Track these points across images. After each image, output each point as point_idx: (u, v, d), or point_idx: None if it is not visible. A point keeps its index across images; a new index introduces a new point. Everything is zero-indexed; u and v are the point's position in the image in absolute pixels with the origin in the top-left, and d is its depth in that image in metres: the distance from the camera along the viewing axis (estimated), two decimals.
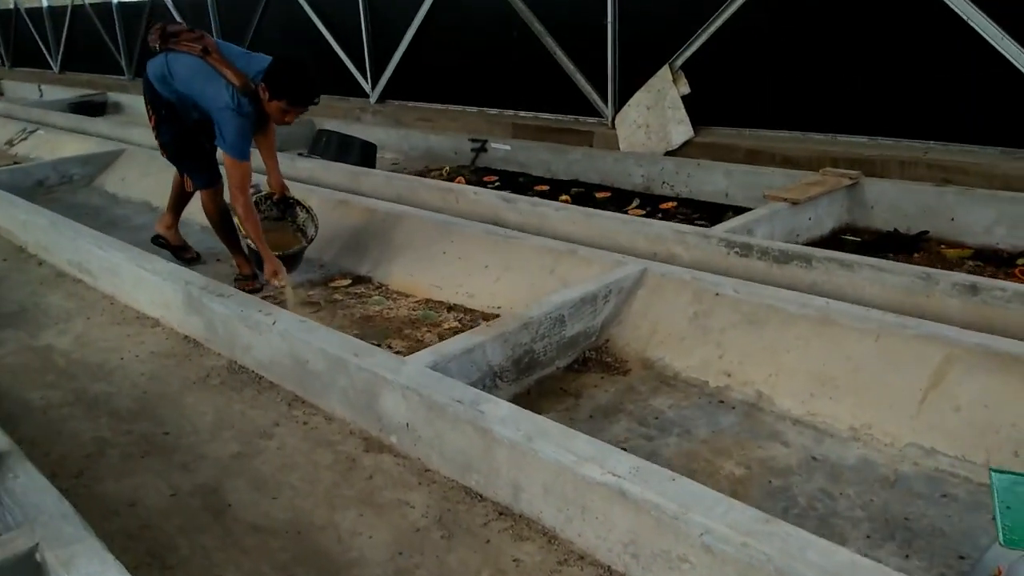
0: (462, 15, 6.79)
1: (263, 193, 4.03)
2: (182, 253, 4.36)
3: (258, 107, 3.39)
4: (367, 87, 7.76)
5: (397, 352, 2.92)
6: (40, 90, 12.08)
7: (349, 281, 3.84)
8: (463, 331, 2.91)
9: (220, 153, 3.45)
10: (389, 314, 3.42)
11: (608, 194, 5.15)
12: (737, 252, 3.29)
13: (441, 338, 3.09)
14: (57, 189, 6.22)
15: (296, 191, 4.20)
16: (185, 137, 3.73)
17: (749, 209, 4.10)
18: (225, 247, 3.97)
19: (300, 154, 6.09)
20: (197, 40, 3.50)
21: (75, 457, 2.45)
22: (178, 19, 9.66)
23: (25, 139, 7.88)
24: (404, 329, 3.25)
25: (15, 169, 6.35)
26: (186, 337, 3.32)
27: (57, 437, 2.57)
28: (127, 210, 5.49)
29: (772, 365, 2.60)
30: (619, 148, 5.57)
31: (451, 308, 3.45)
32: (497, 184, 5.58)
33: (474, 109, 6.77)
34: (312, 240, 3.85)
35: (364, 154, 5.98)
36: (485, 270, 3.55)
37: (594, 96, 5.85)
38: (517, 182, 5.63)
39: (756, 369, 2.62)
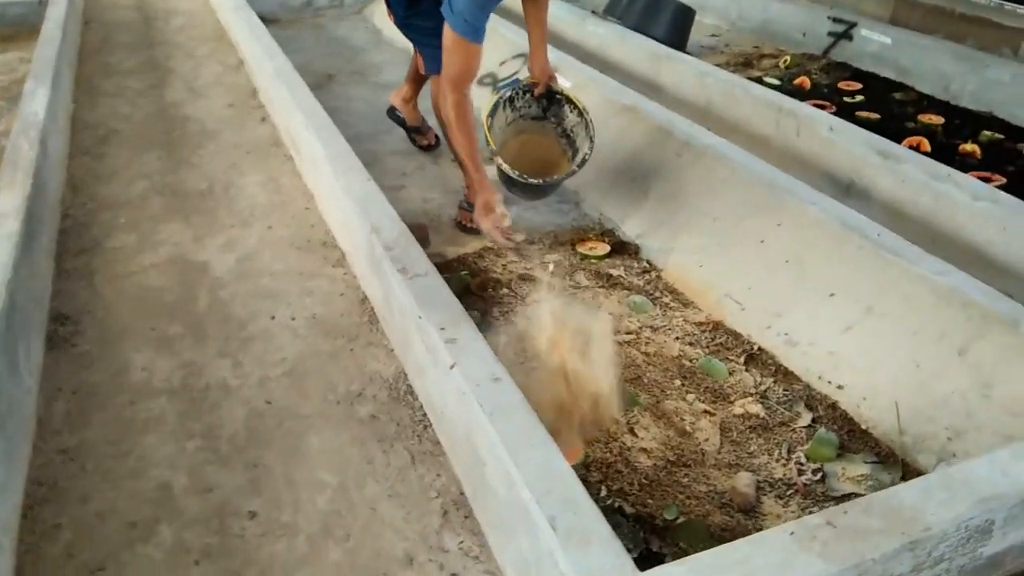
0: None
1: (521, 84, 2.78)
2: (417, 136, 3.36)
3: None
4: None
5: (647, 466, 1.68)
6: None
7: (606, 249, 2.58)
8: (764, 439, 1.59)
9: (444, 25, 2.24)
10: (649, 341, 2.15)
11: None
12: None
13: (724, 432, 1.81)
14: (326, 12, 5.47)
15: (572, 79, 2.94)
16: None
17: None
18: (455, 158, 2.87)
19: (594, 12, 4.69)
20: None
21: (106, 532, 1.62)
22: None
23: None
24: (666, 389, 1.98)
25: None
26: (364, 300, 2.35)
27: (116, 464, 1.76)
28: (384, 56, 4.57)
29: None
30: None
31: (752, 358, 2.09)
32: (860, 100, 3.81)
33: None
34: (584, 163, 2.60)
35: (678, 22, 4.43)
36: (830, 300, 2.11)
37: None
38: (890, 100, 3.80)
39: None
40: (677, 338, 2.16)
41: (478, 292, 2.36)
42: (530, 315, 2.19)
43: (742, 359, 2.08)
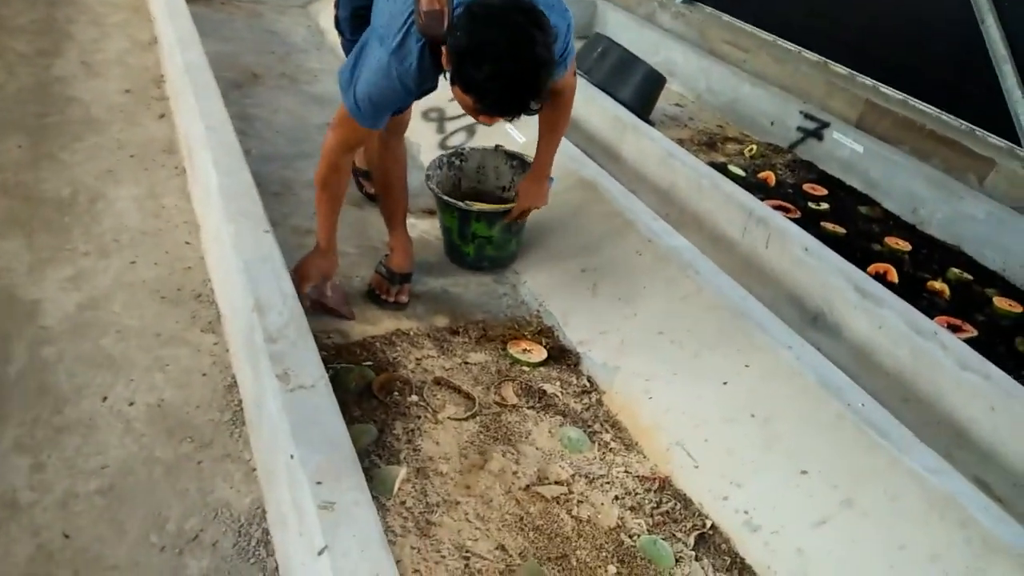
0: None
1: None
2: (364, 181, 2.82)
3: (436, 63, 1.71)
4: None
5: None
6: None
7: (542, 355, 2.16)
8: None
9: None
10: (583, 501, 1.72)
11: (1021, 308, 2.98)
12: None
13: None
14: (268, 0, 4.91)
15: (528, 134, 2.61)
16: (363, 18, 2.10)
17: None
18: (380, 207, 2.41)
19: None
20: None
21: None
22: None
23: None
24: None
25: None
26: (232, 387, 1.85)
27: None
28: (324, 63, 4.05)
29: None
30: None
31: (704, 540, 1.69)
32: (825, 208, 3.55)
33: (815, 57, 4.56)
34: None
35: (647, 87, 4.10)
36: (802, 478, 1.74)
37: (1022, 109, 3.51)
38: (856, 215, 3.56)
39: None
40: (617, 498, 1.75)
41: (380, 396, 1.90)
42: (440, 442, 1.75)
43: (692, 539, 1.69)
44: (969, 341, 2.56)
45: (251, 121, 3.25)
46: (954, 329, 2.70)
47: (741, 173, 3.72)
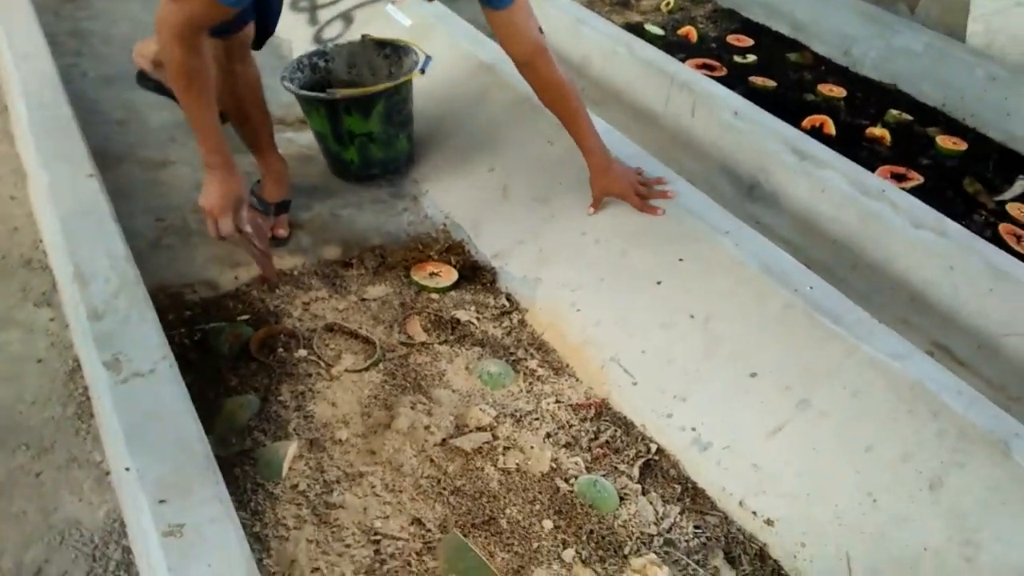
0: None
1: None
2: None
3: None
4: None
5: None
6: None
7: (453, 277, 1.88)
8: None
9: None
10: (510, 446, 1.46)
11: (965, 145, 2.75)
12: None
13: None
14: None
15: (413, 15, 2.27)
16: None
17: None
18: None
19: None
20: None
21: None
22: None
23: None
24: (533, 540, 1.31)
25: None
26: (75, 372, 1.53)
27: None
28: None
29: None
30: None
31: (650, 468, 1.47)
32: (751, 60, 3.24)
33: None
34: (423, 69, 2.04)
35: None
36: (751, 382, 1.53)
37: None
38: (784, 64, 3.27)
39: None
40: (549, 436, 1.52)
41: (261, 356, 1.60)
42: (337, 402, 1.49)
43: (636, 471, 1.48)
44: (916, 190, 2.37)
45: (86, 38, 2.75)
46: (899, 178, 2.49)
47: (659, 32, 3.37)
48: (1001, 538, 1.23)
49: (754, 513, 1.42)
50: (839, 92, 3.03)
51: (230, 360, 1.59)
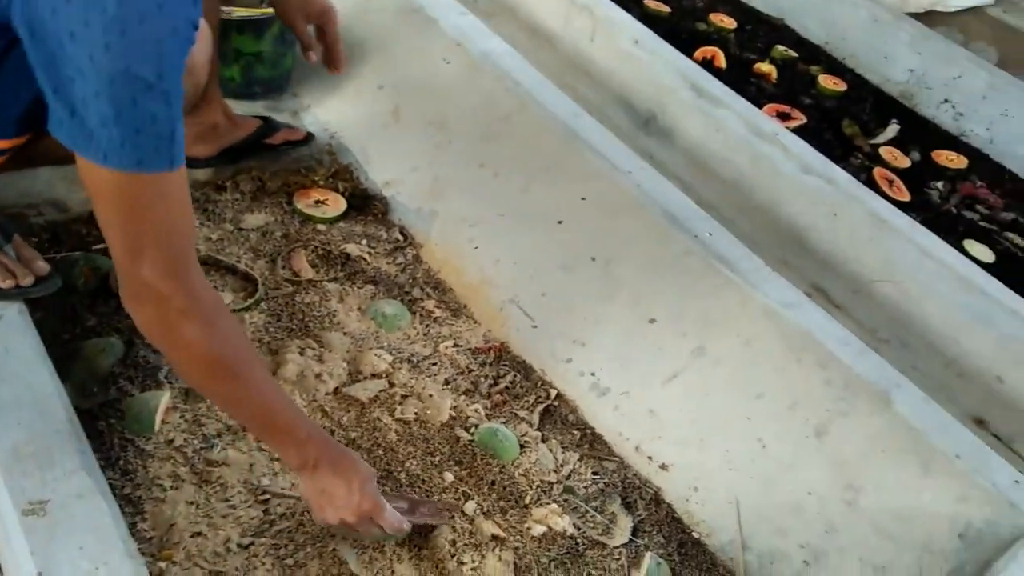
0: None
1: None
2: None
3: None
4: None
5: None
6: None
7: (341, 206, 1.74)
8: None
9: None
10: (407, 395, 1.39)
11: (844, 86, 2.82)
12: None
13: None
14: None
15: None
16: None
17: None
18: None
19: None
20: None
21: None
22: None
23: None
24: (434, 493, 1.28)
25: None
26: None
27: None
28: None
29: None
30: None
31: (549, 414, 1.46)
32: None
33: None
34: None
35: None
36: (650, 328, 1.53)
37: None
38: None
39: None
40: (447, 382, 1.46)
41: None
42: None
43: (536, 416, 1.46)
44: (799, 130, 2.42)
45: None
46: (783, 117, 2.54)
47: None
48: (880, 484, 1.32)
49: (650, 458, 1.45)
50: (730, 23, 3.03)
51: (86, 297, 1.40)
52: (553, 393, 1.52)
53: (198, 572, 1.09)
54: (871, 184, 2.24)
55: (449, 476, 1.31)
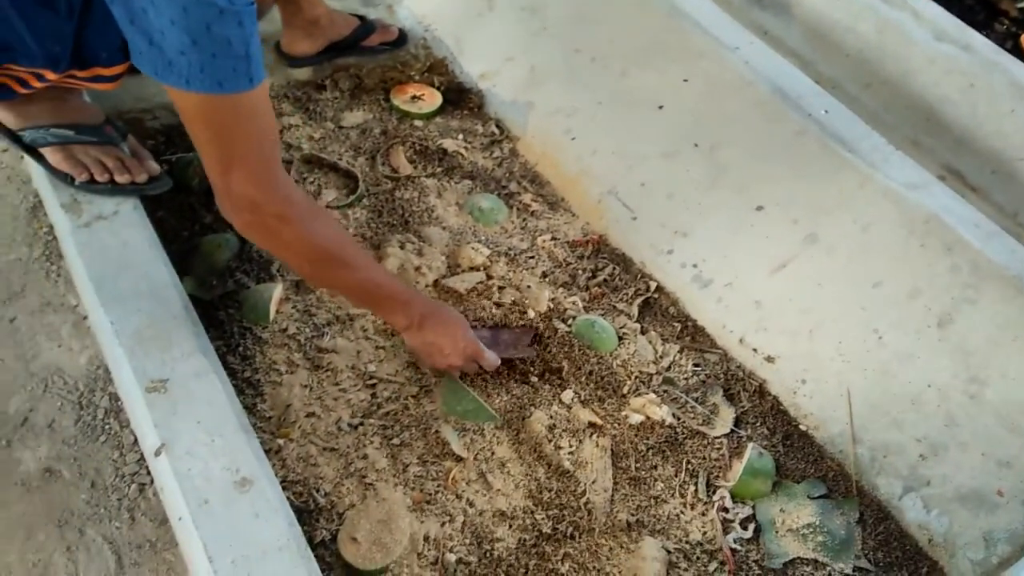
0: None
1: None
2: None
3: None
4: None
5: None
6: None
7: (437, 101, 1.72)
8: None
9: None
10: (505, 286, 1.39)
11: None
12: None
13: (617, 462, 1.21)
14: None
15: None
16: None
17: None
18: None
19: None
20: None
21: None
22: None
23: None
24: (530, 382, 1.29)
25: None
26: (35, 207, 1.41)
27: None
28: None
29: None
30: None
31: (649, 306, 1.44)
32: None
33: None
34: None
35: None
36: (757, 216, 1.46)
37: None
38: None
39: None
40: (544, 275, 1.46)
41: None
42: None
43: (635, 309, 1.44)
44: None
45: None
46: None
47: None
48: (1007, 375, 1.22)
49: (755, 350, 1.40)
50: None
51: (201, 195, 1.47)
52: (653, 285, 1.48)
53: (313, 448, 1.16)
54: (1016, 52, 2.00)
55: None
